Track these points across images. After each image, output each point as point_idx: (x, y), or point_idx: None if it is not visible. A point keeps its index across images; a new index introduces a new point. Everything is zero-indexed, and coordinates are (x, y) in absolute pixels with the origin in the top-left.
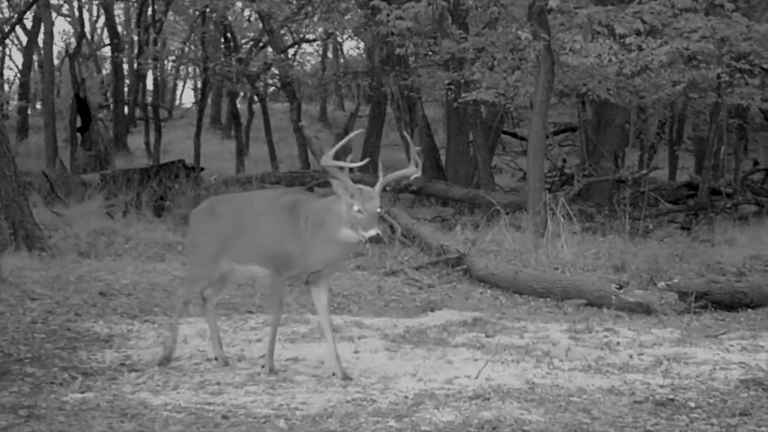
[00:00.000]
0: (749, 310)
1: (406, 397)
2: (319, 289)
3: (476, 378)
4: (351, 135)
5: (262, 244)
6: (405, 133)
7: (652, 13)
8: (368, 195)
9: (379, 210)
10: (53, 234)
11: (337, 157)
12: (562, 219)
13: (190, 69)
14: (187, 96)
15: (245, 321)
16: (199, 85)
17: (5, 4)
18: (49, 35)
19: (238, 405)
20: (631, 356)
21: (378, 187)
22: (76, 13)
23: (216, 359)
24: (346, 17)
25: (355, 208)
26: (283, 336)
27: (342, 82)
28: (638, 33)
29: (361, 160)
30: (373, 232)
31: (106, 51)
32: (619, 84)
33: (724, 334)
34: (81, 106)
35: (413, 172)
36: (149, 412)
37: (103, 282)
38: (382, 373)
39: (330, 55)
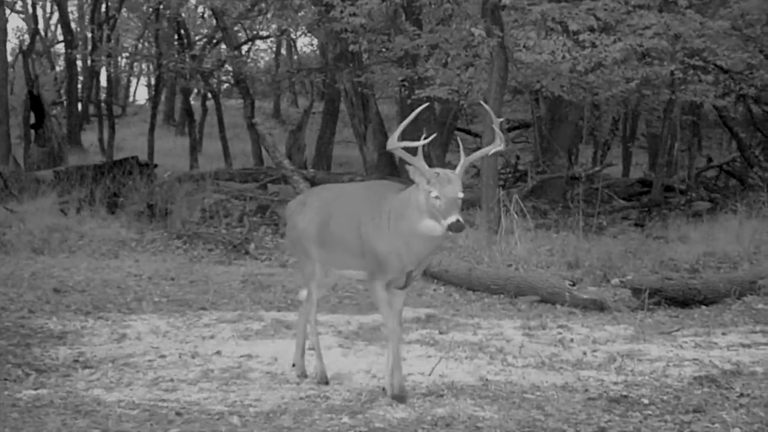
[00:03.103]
0: (702, 306)
1: (359, 393)
2: (395, 297)
3: (430, 375)
4: (416, 112)
5: (351, 245)
6: (483, 103)
7: (605, 9)
8: (446, 178)
9: (460, 195)
10: (6, 230)
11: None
12: (515, 216)
13: (144, 66)
14: (140, 93)
15: (199, 318)
16: (153, 81)
17: None
18: (3, 32)
19: (191, 402)
20: (584, 353)
21: (459, 168)
22: (30, 10)
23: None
24: (299, 14)
25: (433, 194)
26: (236, 333)
27: (295, 79)
28: (592, 30)
29: (315, 157)
30: (452, 219)
31: (60, 48)
32: (573, 81)
33: (677, 330)
34: (34, 102)
35: (498, 146)
36: (103, 408)
37: (57, 279)
38: (335, 369)
39: (284, 51)
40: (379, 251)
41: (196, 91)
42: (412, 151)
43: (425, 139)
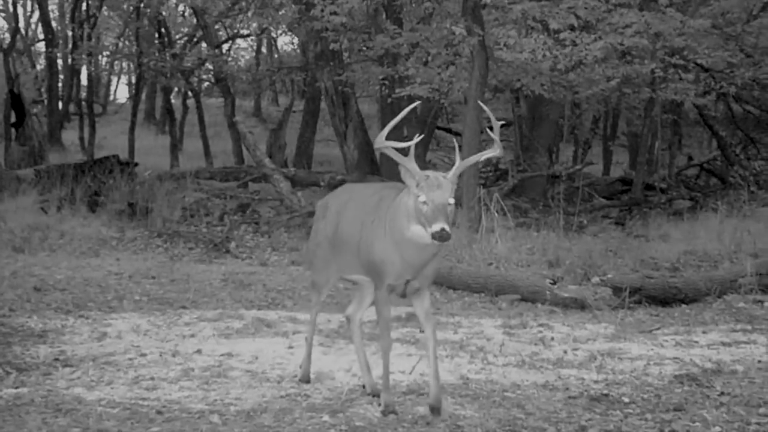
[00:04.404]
0: (683, 305)
1: (340, 392)
2: (419, 298)
3: (410, 373)
4: (406, 111)
5: (354, 248)
6: (484, 106)
7: (586, 8)
8: (435, 183)
9: (451, 201)
10: None
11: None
12: (496, 214)
13: (125, 64)
14: (121, 91)
15: (179, 316)
16: (134, 80)
17: None
18: None
19: (172, 400)
20: (565, 351)
21: (452, 173)
22: (11, 8)
23: (364, 387)
24: (280, 12)
25: (421, 198)
26: (217, 331)
27: (276, 78)
28: (572, 28)
29: (296, 156)
30: (436, 227)
31: (41, 46)
32: (553, 79)
33: (658, 329)
34: (15, 101)
35: (496, 152)
36: (83, 407)
37: (38, 277)
38: (316, 368)
39: (264, 50)
40: (374, 256)
41: (176, 89)
42: (403, 151)
43: (414, 139)
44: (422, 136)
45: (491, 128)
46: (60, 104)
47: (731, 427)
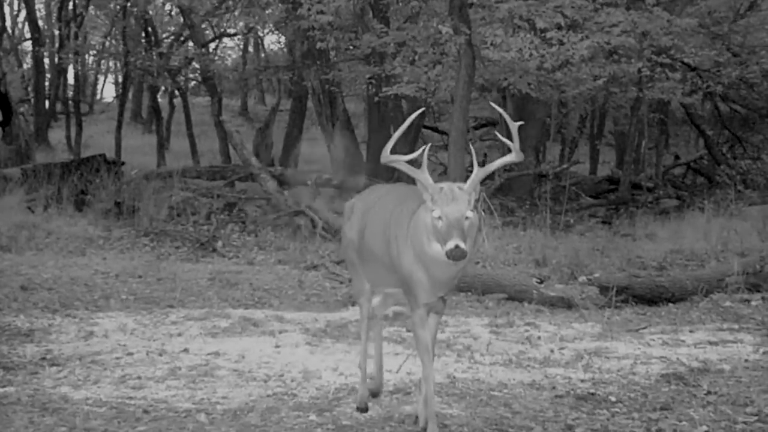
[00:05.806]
0: (670, 304)
1: (327, 391)
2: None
3: (397, 372)
4: (409, 120)
5: (382, 258)
6: (497, 106)
7: (573, 7)
8: (449, 195)
9: (468, 215)
10: None
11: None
12: (483, 213)
13: (111, 63)
14: (108, 90)
15: (166, 315)
16: (120, 79)
17: None
18: None
19: (159, 399)
20: (552, 350)
21: (469, 183)
22: None
23: (370, 379)
24: (267, 11)
25: (435, 213)
26: (203, 330)
27: (263, 77)
28: (559, 27)
29: (282, 155)
30: (450, 245)
31: (27, 45)
32: (540, 78)
33: (644, 328)
34: (1, 100)
35: (514, 157)
36: (70, 406)
37: (24, 276)
38: (302, 367)
39: (251, 49)
40: (403, 272)
41: (163, 88)
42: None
43: (422, 149)
44: (429, 144)
45: (495, 125)
46: (47, 103)
47: (718, 426)
